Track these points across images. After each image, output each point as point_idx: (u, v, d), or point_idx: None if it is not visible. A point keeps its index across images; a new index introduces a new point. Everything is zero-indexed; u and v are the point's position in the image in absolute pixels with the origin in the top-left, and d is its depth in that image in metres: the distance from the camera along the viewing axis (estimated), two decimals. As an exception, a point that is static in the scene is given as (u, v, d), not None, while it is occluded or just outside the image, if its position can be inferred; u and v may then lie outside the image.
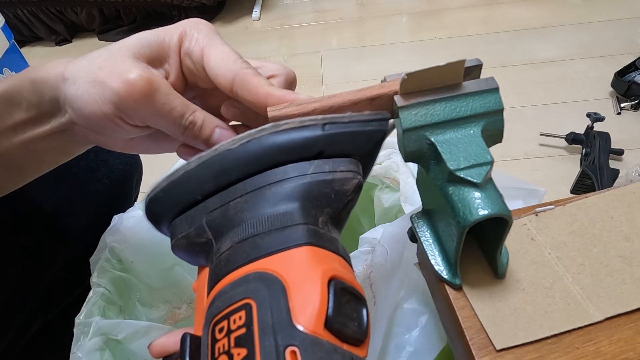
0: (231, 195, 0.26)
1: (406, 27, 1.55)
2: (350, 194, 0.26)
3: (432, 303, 0.37)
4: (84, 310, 0.46)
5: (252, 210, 0.25)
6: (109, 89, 0.29)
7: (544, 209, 0.35)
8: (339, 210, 0.26)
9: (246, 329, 0.20)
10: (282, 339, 0.20)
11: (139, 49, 0.31)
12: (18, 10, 1.62)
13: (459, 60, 0.27)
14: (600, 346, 0.28)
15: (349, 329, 0.21)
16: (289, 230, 0.23)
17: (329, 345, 0.20)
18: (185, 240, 0.26)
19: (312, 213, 0.25)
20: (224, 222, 0.25)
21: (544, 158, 1.08)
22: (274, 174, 0.26)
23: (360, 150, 0.27)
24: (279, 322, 0.20)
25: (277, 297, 0.21)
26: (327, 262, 0.23)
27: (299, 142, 0.26)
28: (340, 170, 0.26)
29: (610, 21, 1.40)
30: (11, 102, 0.32)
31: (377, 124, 0.28)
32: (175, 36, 0.31)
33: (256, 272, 0.22)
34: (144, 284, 0.53)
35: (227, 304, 0.22)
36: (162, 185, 0.27)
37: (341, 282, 0.22)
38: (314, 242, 0.23)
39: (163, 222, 0.28)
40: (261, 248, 0.23)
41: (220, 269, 0.24)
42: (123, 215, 0.52)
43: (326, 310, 0.21)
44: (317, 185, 0.25)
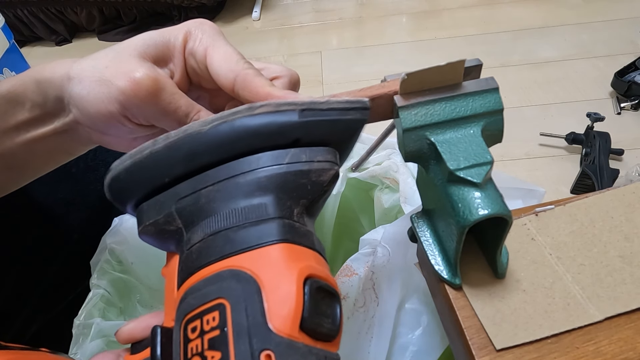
0: (203, 182, 0.25)
1: (406, 27, 1.55)
2: (327, 185, 0.25)
3: (433, 303, 0.37)
4: (84, 311, 0.46)
5: (225, 200, 0.24)
6: (115, 88, 0.29)
7: (544, 209, 0.35)
8: (315, 201, 0.25)
9: (220, 331, 0.20)
10: (257, 343, 0.19)
11: (144, 49, 0.31)
12: (18, 10, 1.62)
13: (459, 60, 0.27)
14: (600, 346, 0.28)
15: (323, 328, 0.21)
16: (263, 226, 0.23)
17: (304, 347, 0.20)
18: (153, 227, 0.25)
19: (287, 205, 0.24)
20: (195, 211, 0.24)
21: (544, 158, 1.08)
22: (247, 162, 0.24)
23: (338, 139, 0.26)
24: (254, 325, 0.20)
25: (252, 298, 0.20)
26: (303, 260, 0.22)
27: (274, 128, 0.25)
28: (318, 160, 0.25)
29: (610, 21, 1.40)
30: (15, 102, 0.32)
31: (357, 113, 0.26)
32: (180, 36, 0.31)
33: (230, 269, 0.22)
34: (144, 285, 0.53)
35: (200, 302, 0.21)
36: (125, 164, 0.26)
37: (316, 281, 0.22)
38: (289, 238, 0.23)
39: (127, 203, 0.27)
40: (235, 243, 0.22)
41: (191, 262, 0.23)
42: (123, 217, 0.52)
43: (302, 311, 0.20)
44: (294, 175, 0.24)
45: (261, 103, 0.25)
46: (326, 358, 0.21)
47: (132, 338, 0.26)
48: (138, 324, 0.26)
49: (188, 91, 0.33)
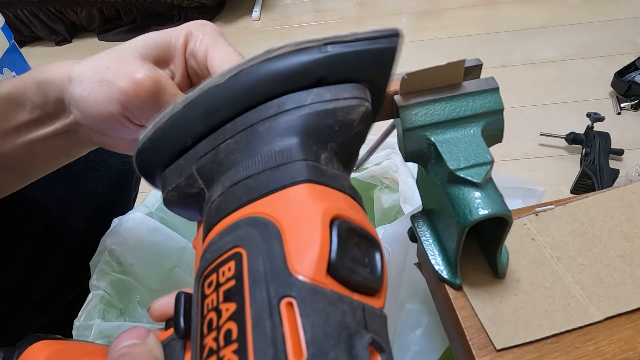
0: (221, 136, 0.23)
1: (406, 27, 1.55)
2: (358, 124, 0.22)
3: (433, 303, 0.37)
4: (84, 313, 0.46)
5: (244, 150, 0.22)
6: (116, 89, 0.29)
7: (544, 209, 0.35)
8: (345, 144, 0.22)
9: (236, 281, 0.18)
10: (275, 290, 0.17)
11: (145, 50, 0.31)
12: (18, 10, 1.62)
13: (459, 60, 0.27)
14: (600, 346, 0.28)
15: (358, 276, 0.18)
16: (284, 168, 0.20)
17: (333, 295, 0.17)
18: (176, 193, 0.24)
19: (312, 149, 0.21)
20: (215, 167, 0.22)
21: (544, 158, 1.08)
22: (266, 108, 0.22)
23: (369, 73, 0.23)
24: (272, 270, 0.17)
25: (270, 243, 0.18)
26: (330, 200, 0.19)
27: (295, 68, 0.22)
28: (344, 97, 0.22)
29: (610, 21, 1.40)
30: (16, 103, 0.32)
31: (387, 41, 0.23)
32: (181, 37, 0.31)
33: (248, 217, 0.19)
34: (144, 286, 0.53)
35: (215, 256, 0.19)
36: (149, 134, 0.24)
37: (347, 222, 0.19)
38: (313, 178, 0.20)
39: (155, 174, 0.25)
40: (253, 190, 0.20)
41: (211, 219, 0.21)
42: (122, 218, 0.52)
43: (328, 253, 0.17)
44: (317, 116, 0.22)
45: (280, 45, 0.23)
46: (365, 310, 0.17)
47: (165, 314, 0.24)
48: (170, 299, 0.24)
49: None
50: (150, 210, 0.55)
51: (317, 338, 0.15)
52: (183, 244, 0.54)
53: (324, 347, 0.15)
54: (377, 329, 0.17)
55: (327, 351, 0.15)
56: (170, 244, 0.53)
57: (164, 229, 0.53)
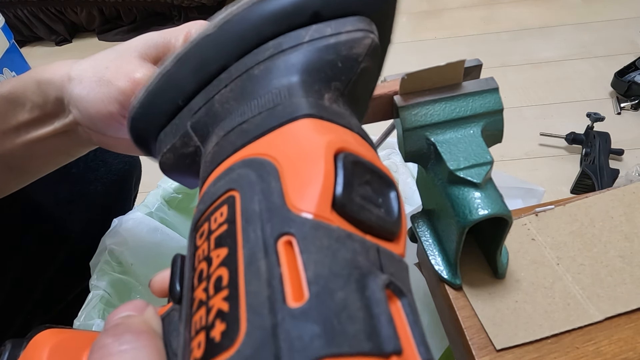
0: (215, 88, 0.21)
1: (406, 27, 1.55)
2: (364, 59, 0.20)
3: (433, 303, 0.37)
4: (83, 312, 0.46)
5: (240, 97, 0.20)
6: (115, 88, 0.29)
7: (544, 209, 0.35)
8: (352, 82, 0.20)
9: (228, 225, 0.16)
10: (272, 228, 0.14)
11: (145, 50, 0.31)
12: (18, 10, 1.62)
13: (459, 60, 0.27)
14: (600, 346, 0.28)
15: (371, 215, 0.15)
16: (282, 107, 0.18)
17: (340, 232, 0.14)
18: (171, 155, 0.22)
19: (314, 89, 0.19)
20: (209, 120, 0.21)
21: (544, 158, 1.08)
22: (262, 51, 0.20)
23: (370, 4, 0.21)
24: (269, 209, 0.15)
25: (266, 181, 0.16)
26: (334, 133, 0.17)
27: (288, 5, 0.20)
28: (346, 30, 0.20)
29: (610, 21, 1.40)
30: (15, 103, 0.32)
31: None
32: (181, 37, 0.32)
33: (242, 159, 0.17)
34: (144, 286, 0.53)
35: (208, 204, 0.17)
36: (140, 98, 0.23)
37: (354, 156, 0.16)
38: (315, 113, 0.18)
39: (150, 142, 0.24)
40: (249, 132, 0.18)
41: (205, 171, 0.19)
42: (122, 218, 0.52)
43: (333, 187, 0.15)
44: (318, 52, 0.20)
45: None
46: (379, 251, 0.15)
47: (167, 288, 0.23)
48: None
49: None
50: (150, 210, 0.55)
51: (321, 276, 0.13)
52: (183, 243, 0.54)
53: (330, 286, 0.13)
54: (396, 273, 0.15)
55: (334, 290, 0.13)
56: (170, 244, 0.53)
57: (164, 229, 0.53)
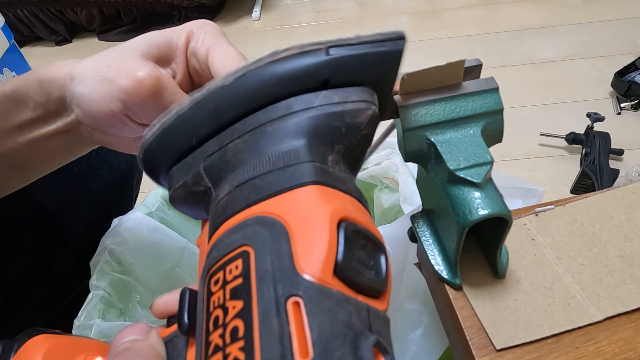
0: (229, 136, 0.23)
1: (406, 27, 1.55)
2: (365, 127, 0.23)
3: (433, 303, 0.37)
4: (84, 312, 0.46)
5: (253, 150, 0.22)
6: (117, 87, 0.29)
7: (544, 209, 0.35)
8: (352, 146, 0.23)
9: (243, 279, 0.18)
10: (283, 289, 0.17)
11: (147, 49, 0.31)
12: (18, 10, 1.62)
13: (459, 60, 0.27)
14: (600, 346, 0.28)
15: (364, 278, 0.18)
16: (292, 169, 0.21)
17: (339, 295, 0.17)
18: (182, 190, 0.24)
19: (320, 150, 0.22)
20: (222, 166, 0.23)
21: (544, 158, 1.08)
22: (275, 109, 0.23)
23: (374, 76, 0.24)
24: (280, 269, 0.17)
25: (278, 242, 0.18)
26: (337, 202, 0.20)
27: (301, 70, 0.23)
28: (352, 100, 0.23)
29: (610, 21, 1.40)
30: (18, 102, 0.32)
31: (392, 44, 0.23)
32: (183, 36, 0.32)
33: (255, 216, 0.19)
34: (144, 286, 0.53)
35: (223, 253, 0.19)
36: (155, 133, 0.25)
37: (353, 224, 0.19)
38: (321, 180, 0.20)
39: (160, 173, 0.26)
40: (261, 190, 0.20)
41: (217, 217, 0.21)
42: (123, 218, 0.52)
43: (335, 254, 0.18)
44: (326, 118, 0.22)
45: (285, 47, 0.24)
46: (369, 312, 0.18)
47: (167, 311, 0.24)
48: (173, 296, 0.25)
49: (190, 91, 0.33)
50: (150, 210, 0.55)
51: (323, 337, 0.16)
52: (183, 243, 0.54)
53: (330, 346, 0.15)
54: (381, 331, 0.18)
55: (334, 350, 0.15)
56: (170, 244, 0.53)
57: (164, 229, 0.53)
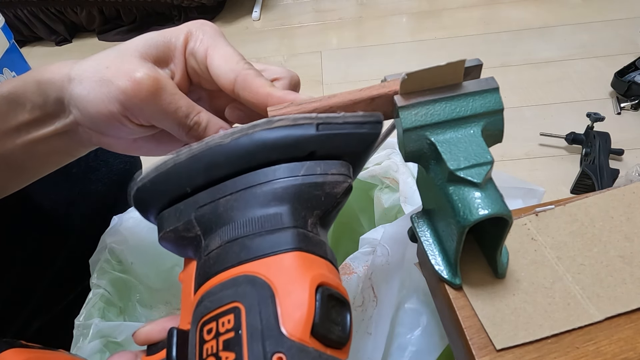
0: (221, 192, 0.26)
1: (406, 27, 1.55)
2: (340, 197, 0.26)
3: (432, 303, 0.37)
4: (84, 311, 0.46)
5: (243, 209, 0.25)
6: (115, 88, 0.29)
7: (544, 209, 0.35)
8: (328, 212, 0.26)
9: (234, 333, 0.21)
10: (269, 346, 0.20)
11: (145, 50, 0.31)
12: (18, 10, 1.62)
13: (459, 60, 0.27)
14: (600, 346, 0.28)
15: (333, 335, 0.22)
16: (278, 234, 0.24)
17: (314, 352, 0.21)
18: (173, 234, 0.26)
19: (301, 215, 0.25)
20: (214, 218, 0.25)
21: (544, 158, 1.08)
22: (264, 174, 0.26)
23: (352, 151, 0.27)
24: (268, 328, 0.21)
25: (266, 302, 0.21)
26: (316, 268, 0.23)
27: (291, 141, 0.26)
28: (332, 173, 0.26)
29: (610, 21, 1.40)
30: (16, 103, 0.32)
31: (371, 127, 0.27)
32: (182, 37, 0.32)
33: (245, 275, 0.23)
34: (144, 285, 0.53)
35: (216, 305, 0.22)
36: (150, 176, 0.27)
37: (328, 289, 0.22)
38: (303, 247, 0.23)
39: (150, 212, 0.28)
40: (251, 250, 0.23)
41: (209, 267, 0.24)
42: (122, 216, 0.52)
43: (313, 317, 0.21)
44: (308, 187, 0.25)
45: (279, 117, 0.26)
46: None
47: (149, 340, 0.27)
48: (155, 326, 0.27)
49: (189, 92, 0.33)
50: (150, 210, 0.55)
51: None
52: (183, 243, 0.54)
53: None
54: None
55: None
56: (170, 244, 0.53)
57: (164, 229, 0.53)
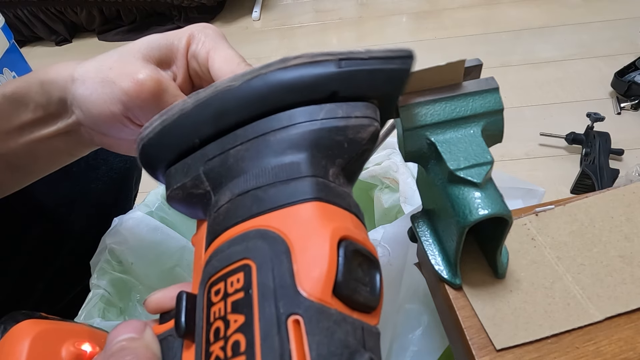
0: (231, 142, 0.23)
1: (406, 27, 1.55)
2: (366, 143, 0.23)
3: (433, 303, 0.37)
4: (84, 311, 0.46)
5: (255, 159, 0.22)
6: (118, 89, 0.29)
7: (544, 209, 0.35)
8: (353, 161, 0.23)
9: (244, 294, 0.18)
10: (284, 307, 0.18)
11: (148, 51, 0.31)
12: (18, 10, 1.62)
13: (459, 60, 0.27)
14: (600, 346, 0.28)
15: (360, 296, 0.19)
16: (295, 183, 0.21)
17: (337, 315, 0.18)
18: (181, 192, 0.24)
19: (322, 164, 0.22)
20: (223, 172, 0.23)
21: (544, 158, 1.08)
22: (278, 119, 0.23)
23: (380, 92, 0.24)
24: (281, 287, 0.18)
25: (279, 258, 0.19)
26: (338, 220, 0.20)
27: (310, 80, 0.23)
28: (355, 115, 0.23)
29: (610, 21, 1.40)
30: (19, 103, 0.32)
31: (401, 62, 0.24)
32: (184, 39, 0.32)
33: (257, 229, 0.20)
34: (144, 285, 0.53)
35: (224, 264, 0.20)
36: (156, 128, 0.25)
37: (353, 244, 0.20)
38: (322, 197, 0.21)
39: (158, 169, 0.26)
40: (263, 202, 0.21)
41: (218, 224, 0.22)
42: (123, 217, 0.52)
43: (335, 274, 0.18)
44: (329, 132, 0.22)
45: (296, 55, 0.23)
46: (364, 330, 0.19)
47: (160, 307, 0.25)
48: (167, 293, 0.25)
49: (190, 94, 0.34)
50: (150, 210, 0.55)
51: (322, 356, 0.17)
52: (183, 243, 0.54)
53: None
54: (374, 347, 0.19)
55: None
56: (171, 243, 0.53)
57: (164, 228, 0.53)
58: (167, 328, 0.23)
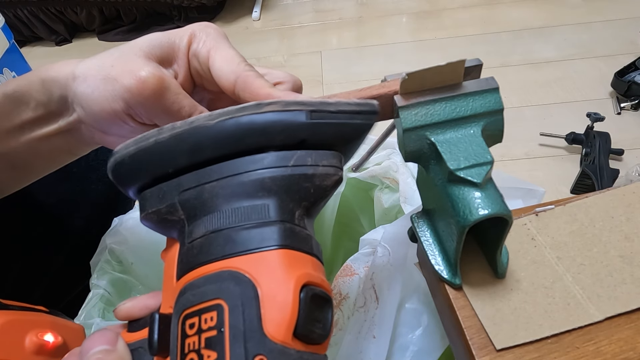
0: (207, 177, 0.25)
1: (406, 27, 1.55)
2: (330, 190, 0.25)
3: (433, 303, 0.37)
4: (84, 311, 0.46)
5: (228, 198, 0.24)
6: (120, 86, 0.30)
7: (544, 209, 0.35)
8: (316, 204, 0.25)
9: (217, 332, 0.21)
10: (251, 347, 0.20)
11: (150, 49, 0.31)
12: (18, 10, 1.62)
13: (459, 60, 0.27)
14: (600, 346, 0.28)
15: (315, 334, 0.22)
16: (264, 229, 0.23)
17: (295, 354, 0.21)
18: (155, 216, 0.26)
19: (289, 207, 0.24)
20: (198, 205, 0.24)
21: (544, 158, 1.08)
22: (252, 161, 0.24)
23: (344, 141, 0.26)
24: (250, 329, 0.21)
25: (249, 302, 0.21)
26: (301, 267, 0.23)
27: (281, 127, 0.25)
28: (323, 164, 0.25)
29: (610, 21, 1.40)
30: (20, 101, 0.32)
31: (365, 117, 0.26)
32: (185, 38, 0.32)
33: (229, 270, 0.22)
34: (144, 286, 0.53)
35: (199, 300, 0.22)
36: (130, 150, 0.26)
37: (312, 289, 0.22)
38: (289, 244, 0.23)
39: (129, 187, 0.27)
40: (236, 244, 0.23)
41: (192, 257, 0.24)
42: (123, 217, 0.52)
43: (296, 319, 0.21)
44: (298, 178, 0.24)
45: (269, 101, 0.25)
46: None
47: (130, 316, 0.26)
48: (136, 303, 0.27)
49: (192, 93, 0.34)
50: (150, 210, 0.55)
51: None
52: (183, 243, 0.54)
53: None
54: None
55: None
56: (171, 244, 0.53)
57: (164, 229, 0.53)
58: (136, 338, 0.25)
